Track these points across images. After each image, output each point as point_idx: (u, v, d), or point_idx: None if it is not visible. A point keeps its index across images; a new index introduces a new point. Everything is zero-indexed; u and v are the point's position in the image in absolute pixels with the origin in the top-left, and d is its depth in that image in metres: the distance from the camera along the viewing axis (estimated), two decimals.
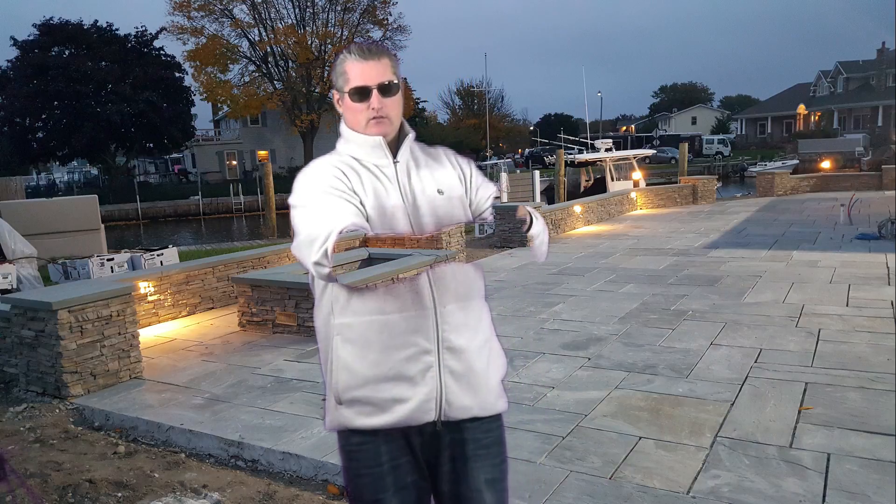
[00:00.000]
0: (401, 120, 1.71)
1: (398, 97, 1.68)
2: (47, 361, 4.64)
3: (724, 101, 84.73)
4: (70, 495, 3.28)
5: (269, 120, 44.01)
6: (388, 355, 1.61)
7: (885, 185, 17.70)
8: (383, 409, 1.62)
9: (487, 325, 1.73)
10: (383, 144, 1.67)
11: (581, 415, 3.84)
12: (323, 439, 3.62)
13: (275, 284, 6.05)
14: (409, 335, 1.60)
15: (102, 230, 11.69)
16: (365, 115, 1.63)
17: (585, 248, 10.35)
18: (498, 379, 1.72)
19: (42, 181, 45.21)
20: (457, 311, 1.64)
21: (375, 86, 1.62)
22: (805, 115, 52.71)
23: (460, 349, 1.63)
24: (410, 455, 1.68)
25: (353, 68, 1.62)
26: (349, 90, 1.63)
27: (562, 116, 65.73)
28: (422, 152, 1.76)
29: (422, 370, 1.61)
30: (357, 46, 1.65)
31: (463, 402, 1.64)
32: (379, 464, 1.66)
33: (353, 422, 1.65)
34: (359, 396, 1.63)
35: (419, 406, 1.61)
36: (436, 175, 1.72)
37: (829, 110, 50.28)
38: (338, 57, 1.67)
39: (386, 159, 1.68)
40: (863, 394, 3.97)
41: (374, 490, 1.68)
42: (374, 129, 1.65)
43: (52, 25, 34.53)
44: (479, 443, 1.68)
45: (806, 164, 30.48)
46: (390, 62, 1.66)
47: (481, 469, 1.67)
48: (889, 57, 44.78)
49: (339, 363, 1.65)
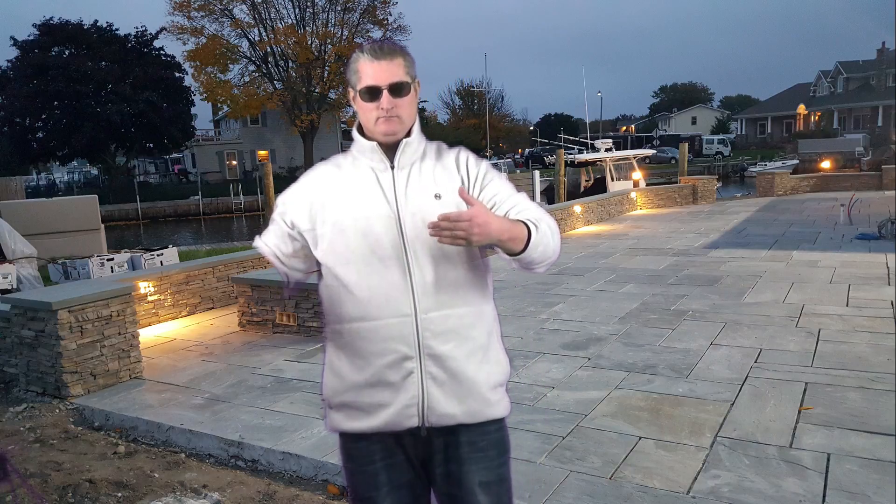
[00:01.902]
0: (414, 121, 1.69)
1: (410, 97, 1.66)
2: (47, 361, 4.64)
3: (724, 101, 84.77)
4: (70, 495, 3.28)
5: (269, 120, 44.02)
6: (371, 361, 1.62)
7: (885, 185, 17.69)
8: (368, 414, 1.65)
9: (484, 331, 1.68)
10: (378, 149, 1.66)
11: (581, 415, 3.84)
12: (323, 439, 3.62)
13: (275, 284, 6.04)
14: (390, 342, 1.61)
15: (102, 230, 11.69)
16: (375, 115, 1.63)
17: (585, 248, 10.35)
18: (492, 386, 1.67)
19: (42, 181, 45.22)
20: (441, 318, 1.61)
21: (386, 86, 1.61)
22: (805, 115, 52.71)
23: (444, 356, 1.61)
24: (404, 455, 1.69)
25: (366, 67, 1.62)
26: (360, 89, 1.63)
27: (562, 116, 65.78)
28: (434, 154, 1.71)
29: (403, 376, 1.61)
30: (370, 46, 1.65)
31: (446, 410, 1.62)
32: (372, 462, 1.69)
33: (342, 425, 1.70)
34: (346, 401, 1.68)
35: (400, 411, 1.62)
36: (437, 178, 1.66)
37: (829, 110, 50.27)
38: (352, 55, 1.68)
39: (382, 164, 1.66)
40: (863, 394, 3.97)
41: (367, 488, 1.70)
42: (382, 126, 1.63)
43: (52, 25, 34.55)
44: (475, 445, 1.67)
45: (806, 164, 30.49)
46: (404, 62, 1.64)
47: (476, 472, 1.66)
48: (889, 57, 44.78)
49: (329, 368, 1.72)
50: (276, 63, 38.29)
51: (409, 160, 1.68)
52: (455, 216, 1.45)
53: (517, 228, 1.57)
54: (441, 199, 1.62)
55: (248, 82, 38.18)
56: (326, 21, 37.71)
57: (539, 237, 1.59)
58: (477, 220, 1.46)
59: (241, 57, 37.67)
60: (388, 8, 38.06)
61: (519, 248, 1.57)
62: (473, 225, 1.45)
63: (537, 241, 1.58)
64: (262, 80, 38.50)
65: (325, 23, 37.65)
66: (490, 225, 1.48)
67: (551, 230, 1.63)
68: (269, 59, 38.13)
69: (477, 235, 1.46)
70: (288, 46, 36.87)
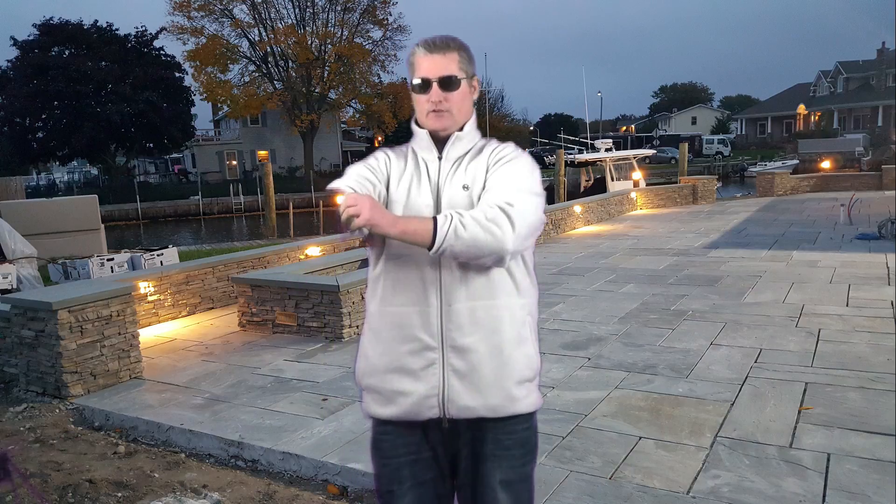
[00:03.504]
0: (468, 117, 1.71)
1: (462, 93, 1.67)
2: (47, 361, 4.63)
3: (724, 101, 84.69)
4: (70, 495, 3.28)
5: (269, 120, 44.00)
6: (394, 347, 1.65)
7: (885, 185, 17.70)
8: (390, 401, 1.67)
9: (514, 325, 1.66)
10: (429, 140, 1.70)
11: (581, 415, 3.84)
12: (323, 439, 3.62)
13: (275, 284, 6.04)
14: (414, 329, 1.62)
15: (102, 230, 11.69)
16: (426, 107, 1.67)
17: (585, 248, 10.35)
18: (517, 381, 1.66)
19: (42, 181, 45.17)
20: (466, 311, 1.61)
21: (436, 79, 1.64)
22: (805, 115, 52.69)
23: (466, 349, 1.62)
24: (431, 452, 1.70)
25: (420, 60, 1.65)
26: (413, 82, 1.67)
27: (562, 116, 65.67)
28: (485, 149, 1.70)
29: (424, 365, 1.63)
30: (426, 39, 1.68)
31: (465, 402, 1.63)
32: (397, 455, 1.71)
33: (369, 408, 1.74)
34: (372, 384, 1.71)
35: (420, 401, 1.64)
36: (473, 170, 1.67)
37: (829, 110, 50.25)
38: (411, 49, 1.71)
39: (432, 154, 1.70)
40: (863, 394, 3.97)
41: (389, 481, 1.72)
42: (433, 121, 1.67)
43: (52, 25, 34.52)
44: (500, 443, 1.67)
45: (806, 164, 30.51)
46: (458, 56, 1.66)
47: (498, 469, 1.67)
48: (889, 57, 44.76)
49: (361, 349, 1.76)
50: (276, 63, 38.27)
51: (458, 154, 1.70)
52: (348, 199, 1.42)
53: (412, 225, 1.51)
54: (468, 189, 1.65)
55: (248, 82, 38.13)
56: (326, 21, 37.69)
57: (451, 231, 1.48)
58: (349, 205, 1.41)
59: (241, 57, 37.63)
60: (388, 8, 38.03)
61: (421, 241, 1.50)
62: (350, 208, 1.41)
63: (451, 234, 1.48)
64: (262, 80, 38.46)
65: (325, 23, 37.63)
66: (374, 217, 1.43)
67: (494, 223, 1.50)
68: (269, 59, 38.10)
69: (360, 220, 1.41)
70: (288, 46, 36.83)
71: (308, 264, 7.11)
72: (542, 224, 1.63)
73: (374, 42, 38.51)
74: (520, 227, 1.52)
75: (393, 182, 1.69)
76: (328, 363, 5.08)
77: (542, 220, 1.61)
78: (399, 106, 39.01)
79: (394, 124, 39.58)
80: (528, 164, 1.65)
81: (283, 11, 37.81)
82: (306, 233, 17.63)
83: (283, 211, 20.77)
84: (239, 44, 37.30)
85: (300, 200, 30.04)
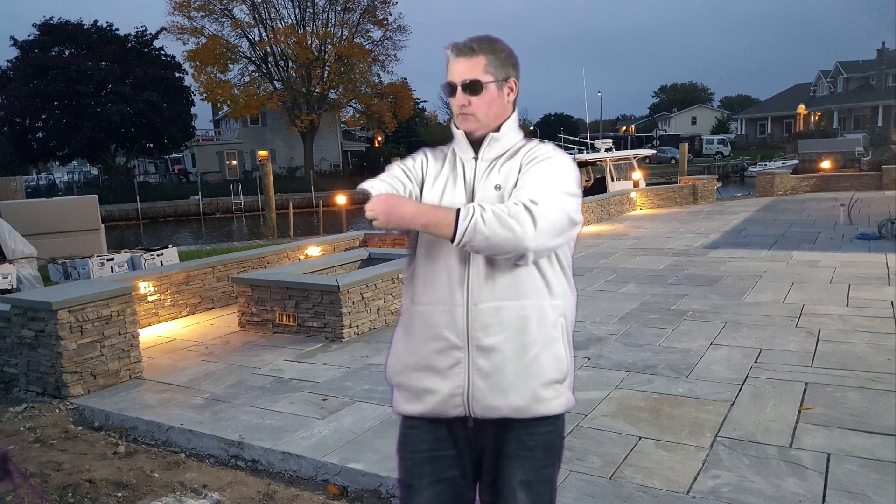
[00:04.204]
0: (501, 119, 1.70)
1: (489, 97, 1.67)
2: (47, 361, 4.64)
3: (724, 101, 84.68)
4: (70, 495, 3.28)
5: (269, 120, 44.01)
6: (422, 345, 1.67)
7: (885, 185, 17.70)
8: (418, 398, 1.69)
9: (543, 326, 1.64)
10: (464, 138, 1.72)
11: (581, 415, 3.83)
12: (323, 439, 3.62)
13: (275, 284, 6.04)
14: (441, 329, 1.64)
15: (102, 230, 11.69)
16: (455, 110, 1.70)
17: (585, 248, 10.35)
18: (544, 382, 1.64)
19: (42, 181, 45.18)
20: (492, 311, 1.61)
21: (459, 83, 1.66)
22: (805, 115, 52.69)
23: (491, 349, 1.62)
24: (455, 450, 1.71)
25: (450, 64, 1.68)
26: (443, 85, 1.69)
27: (562, 116, 65.60)
28: (521, 149, 1.70)
29: (450, 364, 1.64)
30: (455, 43, 1.69)
31: (489, 402, 1.63)
32: (420, 451, 1.72)
33: (399, 405, 1.76)
34: (401, 381, 1.74)
35: (445, 399, 1.65)
36: (503, 169, 1.68)
37: (829, 110, 50.25)
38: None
39: (468, 154, 1.72)
40: (863, 394, 3.97)
41: (410, 475, 1.73)
42: (461, 123, 1.71)
43: (52, 25, 34.53)
44: (523, 443, 1.67)
45: (806, 164, 30.51)
46: (485, 60, 1.65)
47: (520, 469, 1.67)
48: (889, 57, 44.77)
49: (392, 347, 1.79)
50: (276, 63, 38.28)
51: (494, 154, 1.71)
52: (370, 202, 1.51)
53: (437, 215, 1.51)
54: (500, 189, 1.65)
55: (248, 82, 38.15)
56: (326, 21, 37.71)
57: (472, 224, 1.48)
58: (372, 206, 1.49)
59: (241, 57, 37.65)
60: (388, 8, 38.05)
61: (444, 233, 1.51)
62: (369, 209, 1.50)
63: (471, 228, 1.48)
64: (262, 80, 38.47)
65: (325, 23, 37.64)
66: (393, 214, 1.49)
67: (515, 219, 1.48)
68: (269, 59, 38.11)
69: (378, 220, 1.49)
70: (288, 46, 36.85)
71: (308, 264, 7.12)
72: (576, 224, 1.60)
73: (374, 42, 38.56)
74: (542, 225, 1.49)
75: (427, 183, 1.72)
76: (328, 363, 5.08)
77: (573, 219, 1.58)
78: (399, 106, 39.05)
79: (394, 124, 39.60)
80: (562, 164, 1.64)
81: (283, 11, 37.88)
82: (306, 233, 17.64)
83: (283, 211, 20.77)
84: (239, 44, 37.36)
85: (300, 200, 30.06)
